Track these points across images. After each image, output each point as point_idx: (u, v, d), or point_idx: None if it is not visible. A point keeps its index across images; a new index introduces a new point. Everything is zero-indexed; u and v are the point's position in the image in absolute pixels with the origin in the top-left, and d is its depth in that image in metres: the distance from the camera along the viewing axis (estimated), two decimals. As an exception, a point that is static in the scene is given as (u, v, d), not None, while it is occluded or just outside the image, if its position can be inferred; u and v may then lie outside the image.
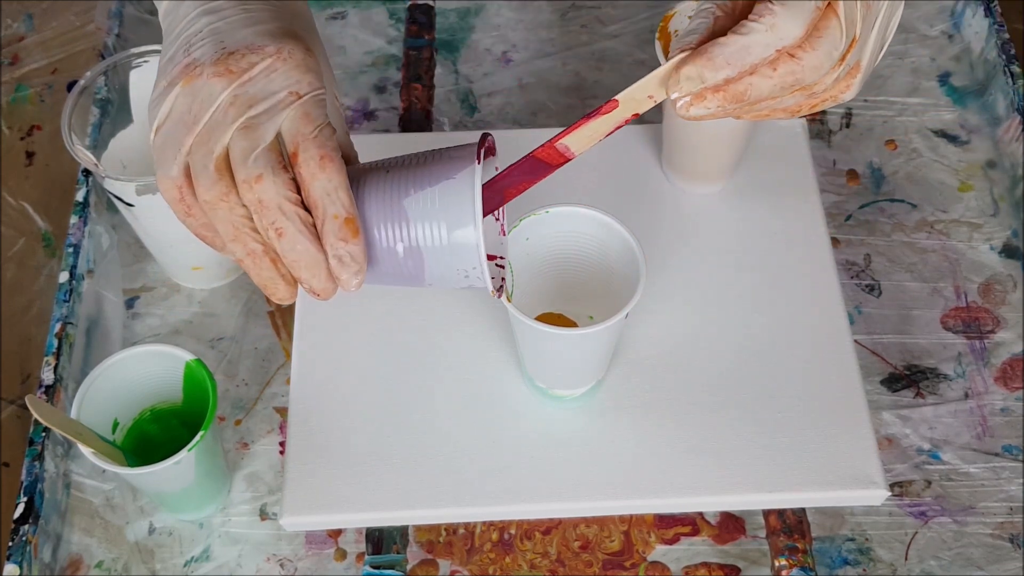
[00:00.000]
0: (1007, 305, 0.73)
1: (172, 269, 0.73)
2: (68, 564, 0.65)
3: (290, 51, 0.48)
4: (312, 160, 0.46)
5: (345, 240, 0.47)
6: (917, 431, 0.69)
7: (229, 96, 0.47)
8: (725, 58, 0.46)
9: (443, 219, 0.47)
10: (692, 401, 0.65)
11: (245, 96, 0.47)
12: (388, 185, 0.48)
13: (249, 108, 0.47)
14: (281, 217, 0.46)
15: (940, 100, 0.82)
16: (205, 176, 0.47)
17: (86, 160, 0.65)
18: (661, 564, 0.64)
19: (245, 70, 0.47)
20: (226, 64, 0.47)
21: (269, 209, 0.46)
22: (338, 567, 0.65)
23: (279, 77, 0.47)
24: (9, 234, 0.84)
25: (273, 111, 0.47)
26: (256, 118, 0.47)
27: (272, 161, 0.46)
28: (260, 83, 0.47)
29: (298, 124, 0.47)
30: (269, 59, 0.47)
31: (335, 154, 0.47)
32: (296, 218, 0.46)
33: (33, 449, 0.65)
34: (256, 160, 0.46)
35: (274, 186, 0.46)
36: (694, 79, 0.47)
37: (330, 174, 0.47)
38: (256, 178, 0.46)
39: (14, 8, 0.95)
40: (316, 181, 0.46)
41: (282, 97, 0.47)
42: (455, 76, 0.84)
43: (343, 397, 0.66)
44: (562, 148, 0.50)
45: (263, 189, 0.46)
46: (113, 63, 0.67)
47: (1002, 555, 0.65)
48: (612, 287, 0.61)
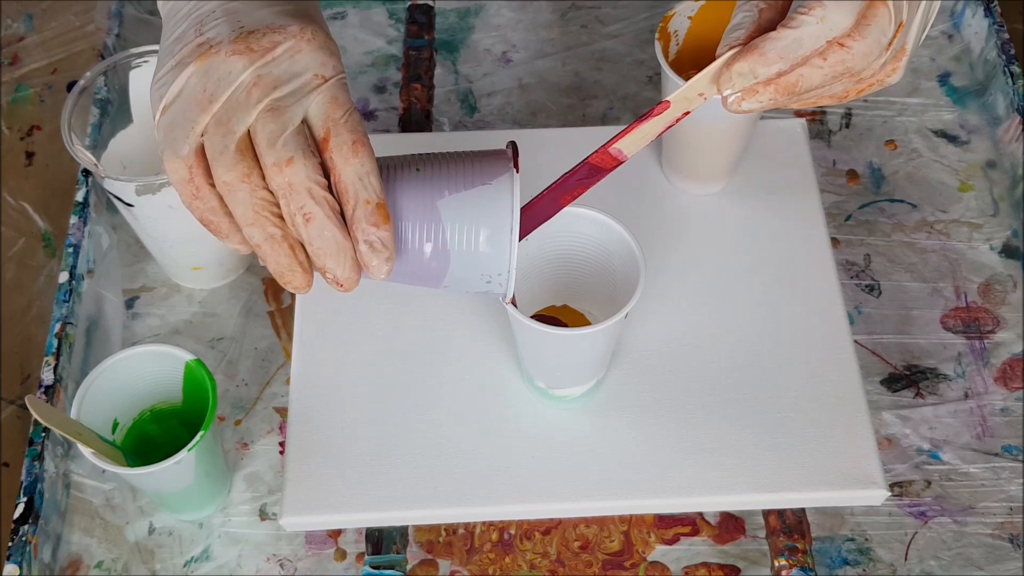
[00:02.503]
0: (1007, 305, 0.73)
1: (172, 269, 0.73)
2: (68, 564, 0.65)
3: (313, 32, 0.46)
4: (345, 145, 0.46)
5: (377, 226, 0.46)
6: (917, 431, 0.69)
7: (252, 76, 0.45)
8: (777, 52, 0.47)
9: (480, 224, 0.47)
10: (692, 401, 0.65)
11: (269, 76, 0.45)
12: (421, 184, 0.48)
13: (274, 89, 0.45)
14: (310, 202, 0.45)
15: (940, 100, 0.82)
16: (225, 156, 0.45)
17: (86, 160, 0.65)
18: (661, 564, 0.64)
19: (268, 49, 0.46)
20: (247, 42, 0.45)
21: (298, 193, 0.45)
22: (338, 567, 0.65)
23: (304, 58, 0.46)
24: (9, 234, 0.84)
25: (299, 93, 0.46)
26: (282, 100, 0.45)
27: (302, 144, 0.45)
28: (284, 64, 0.46)
29: (327, 108, 0.46)
30: (292, 39, 0.46)
31: (366, 139, 0.46)
32: (325, 203, 0.45)
33: (33, 449, 0.65)
34: (286, 143, 0.45)
35: (304, 169, 0.45)
36: (746, 75, 0.47)
37: (363, 159, 0.46)
38: (287, 161, 0.45)
39: (14, 8, 0.95)
40: (348, 166, 0.46)
41: (308, 79, 0.46)
42: (455, 76, 0.84)
43: (343, 397, 0.66)
44: (615, 152, 0.50)
45: (294, 172, 0.45)
46: (113, 63, 0.67)
47: (1002, 555, 0.65)
48: (612, 287, 0.61)
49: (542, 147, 0.74)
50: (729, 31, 0.49)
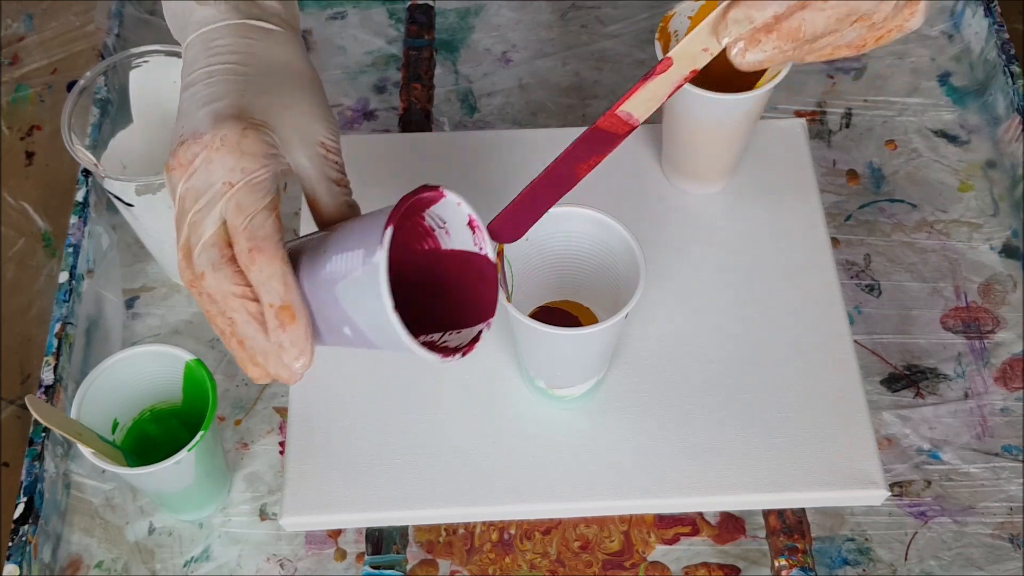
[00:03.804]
0: (1007, 305, 0.73)
1: (172, 269, 0.73)
2: (68, 564, 0.65)
3: (223, 138, 0.48)
4: (243, 253, 0.48)
5: (282, 327, 0.48)
6: (917, 431, 0.69)
7: (183, 190, 0.49)
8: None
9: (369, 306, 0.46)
10: (692, 401, 0.65)
11: (192, 191, 0.48)
12: (319, 270, 0.48)
13: (195, 202, 0.48)
14: (230, 308, 0.48)
15: (940, 100, 0.82)
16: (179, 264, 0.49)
17: (86, 160, 0.65)
18: (661, 564, 0.64)
19: (190, 162, 0.48)
20: (177, 157, 0.49)
21: (220, 301, 0.48)
22: (338, 567, 0.65)
23: (216, 168, 0.48)
24: (9, 234, 0.84)
25: (211, 204, 0.48)
26: (199, 213, 0.48)
27: (214, 257, 0.48)
28: (201, 175, 0.48)
29: (231, 216, 0.48)
30: (204, 150, 0.48)
31: (265, 243, 0.47)
32: (242, 309, 0.48)
33: (33, 449, 0.65)
34: (199, 256, 0.48)
35: (216, 281, 0.48)
36: (742, 21, 0.45)
37: (261, 265, 0.47)
38: (200, 275, 0.48)
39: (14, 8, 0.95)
40: (250, 273, 0.48)
41: (217, 189, 0.48)
42: (455, 76, 0.84)
43: (343, 397, 0.66)
44: (624, 115, 0.49)
45: (207, 285, 0.48)
46: (113, 63, 0.67)
47: (1002, 555, 0.65)
48: (614, 286, 0.61)
49: (542, 147, 0.74)
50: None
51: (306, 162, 0.52)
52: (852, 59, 0.84)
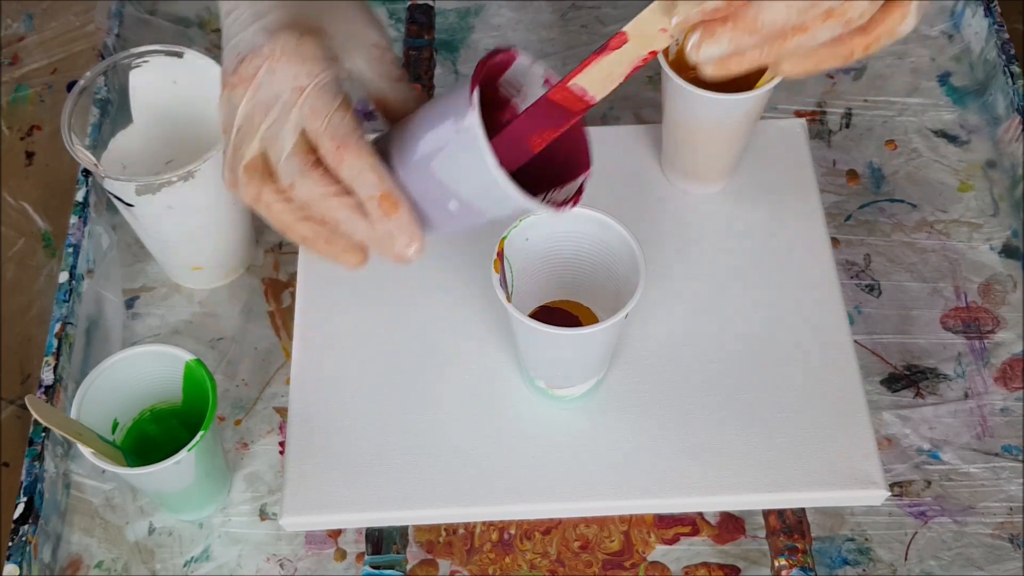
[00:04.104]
0: (1007, 305, 0.73)
1: (172, 269, 0.73)
2: (68, 564, 0.65)
3: (282, 47, 0.48)
4: (330, 154, 0.47)
5: (387, 215, 0.47)
6: (917, 431, 0.69)
7: (248, 106, 0.48)
8: None
9: (470, 175, 0.46)
10: (692, 401, 0.65)
11: (260, 104, 0.48)
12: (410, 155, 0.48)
13: (265, 115, 0.48)
14: (328, 210, 0.47)
15: (940, 100, 0.82)
16: (240, 182, 0.49)
17: (86, 160, 0.65)
18: (661, 564, 0.64)
19: (252, 76, 0.48)
20: (238, 74, 0.48)
21: (315, 206, 0.48)
22: (338, 567, 0.65)
23: (280, 76, 0.48)
24: (9, 234, 0.84)
25: (285, 113, 0.47)
26: (274, 125, 0.48)
27: (299, 165, 0.47)
28: (267, 88, 0.48)
29: (309, 120, 0.47)
30: (266, 62, 0.48)
31: (349, 138, 0.47)
32: (342, 206, 0.47)
33: (33, 449, 0.65)
34: (285, 167, 0.47)
35: (307, 187, 0.47)
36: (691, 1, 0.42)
37: (350, 161, 0.47)
38: (290, 185, 0.47)
39: (14, 8, 0.95)
40: (341, 171, 0.47)
41: (287, 97, 0.47)
42: (455, 76, 0.84)
43: (343, 397, 0.66)
44: (577, 90, 0.47)
45: (299, 193, 0.47)
46: (113, 63, 0.67)
47: (1002, 555, 0.65)
48: (612, 286, 0.61)
49: (542, 147, 0.74)
50: None
51: (364, 65, 0.52)
52: (852, 59, 0.84)
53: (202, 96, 0.68)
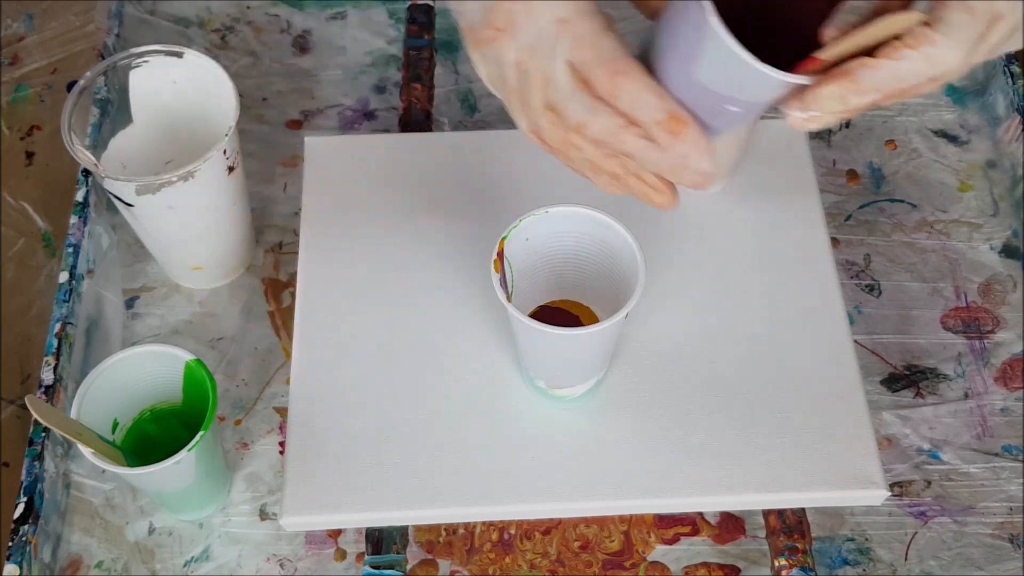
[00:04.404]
0: (1007, 305, 0.73)
1: (172, 269, 0.73)
2: (68, 564, 0.65)
3: None
4: (605, 83, 0.45)
5: (676, 136, 0.45)
6: (917, 431, 0.69)
7: (514, 54, 0.46)
8: (875, 84, 0.43)
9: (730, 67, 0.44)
10: (692, 401, 0.65)
11: (524, 47, 0.45)
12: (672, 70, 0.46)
13: (534, 56, 0.45)
14: (623, 144, 0.45)
15: (940, 100, 0.82)
16: (543, 131, 0.47)
17: (86, 160, 0.65)
18: (661, 564, 0.64)
19: (510, 20, 0.45)
20: (493, 24, 0.46)
21: (609, 143, 0.46)
22: (338, 567, 0.65)
23: (539, 11, 0.45)
24: (9, 234, 0.84)
25: (552, 48, 0.45)
26: (546, 64, 0.45)
27: (586, 101, 0.45)
28: (528, 28, 0.45)
29: (577, 51, 0.45)
30: (518, 1, 0.45)
31: (622, 63, 0.45)
32: (635, 138, 0.45)
33: (33, 449, 0.65)
34: (571, 107, 0.45)
35: (600, 122, 0.45)
36: (835, 100, 0.43)
37: (627, 87, 0.45)
38: (578, 126, 0.45)
39: (14, 8, 0.95)
40: (619, 101, 0.45)
41: (552, 31, 0.45)
42: (455, 76, 0.84)
43: (343, 398, 0.66)
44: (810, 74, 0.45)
45: (594, 130, 0.45)
46: (113, 63, 0.67)
47: (1002, 555, 0.65)
48: (612, 286, 0.61)
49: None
50: (845, 11, 0.44)
51: None
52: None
53: (202, 96, 0.68)
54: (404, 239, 0.71)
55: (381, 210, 0.72)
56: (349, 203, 0.72)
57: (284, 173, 0.79)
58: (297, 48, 0.85)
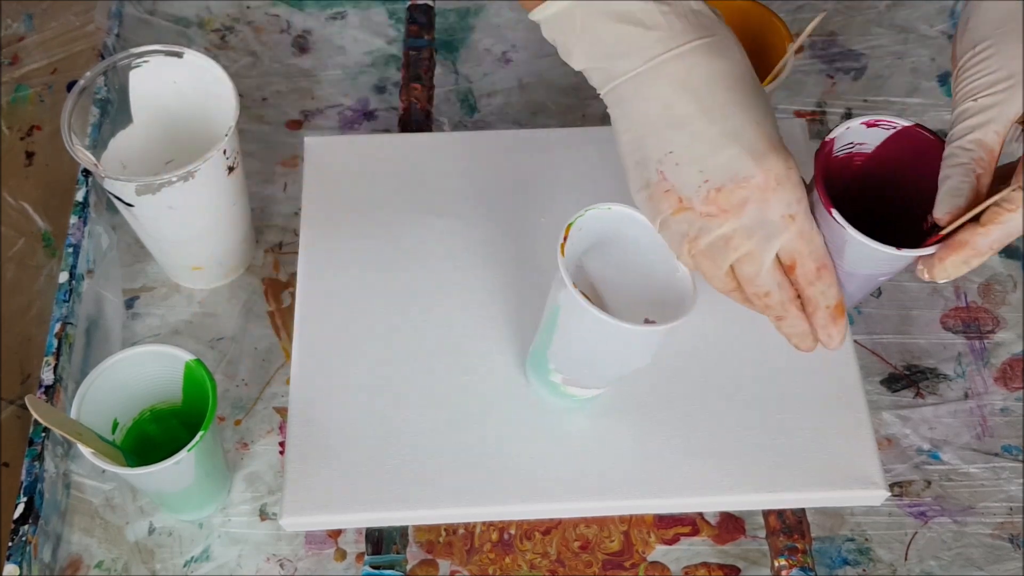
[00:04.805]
0: (1007, 305, 0.73)
1: (172, 269, 0.73)
2: (68, 564, 0.65)
3: (776, 177, 0.51)
4: (810, 272, 0.53)
5: (835, 321, 0.55)
6: (917, 431, 0.69)
7: (728, 230, 0.52)
8: (989, 246, 0.51)
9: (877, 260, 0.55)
10: (692, 401, 0.65)
11: (743, 229, 0.52)
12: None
13: (747, 239, 0.52)
14: (783, 311, 0.55)
15: (940, 100, 0.82)
16: (716, 281, 0.55)
17: (86, 160, 0.65)
18: (661, 564, 0.64)
19: (739, 207, 0.51)
20: (717, 203, 0.51)
21: (773, 308, 0.55)
22: (338, 567, 0.65)
23: (773, 205, 0.51)
24: (9, 234, 0.84)
25: (771, 237, 0.51)
26: (757, 246, 0.52)
27: (778, 278, 0.53)
28: (755, 216, 0.51)
29: (796, 243, 0.52)
30: (758, 192, 0.51)
31: (827, 259, 0.53)
32: (794, 309, 0.55)
33: (33, 449, 0.65)
34: (762, 282, 0.53)
35: (779, 296, 0.54)
36: (960, 266, 0.52)
37: (825, 280, 0.53)
38: (765, 294, 0.54)
39: (14, 8, 0.95)
40: (813, 288, 0.54)
41: (777, 222, 0.51)
42: (455, 76, 0.84)
43: (343, 397, 0.66)
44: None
45: (769, 300, 0.54)
46: (113, 63, 0.67)
47: (1002, 555, 0.65)
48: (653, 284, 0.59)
49: (542, 147, 0.74)
50: (948, 194, 0.52)
51: None
52: (852, 59, 0.84)
53: (202, 96, 0.68)
54: (404, 239, 0.71)
55: (381, 210, 0.72)
56: (349, 203, 0.72)
57: (284, 173, 0.79)
58: (297, 48, 0.85)
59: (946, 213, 0.51)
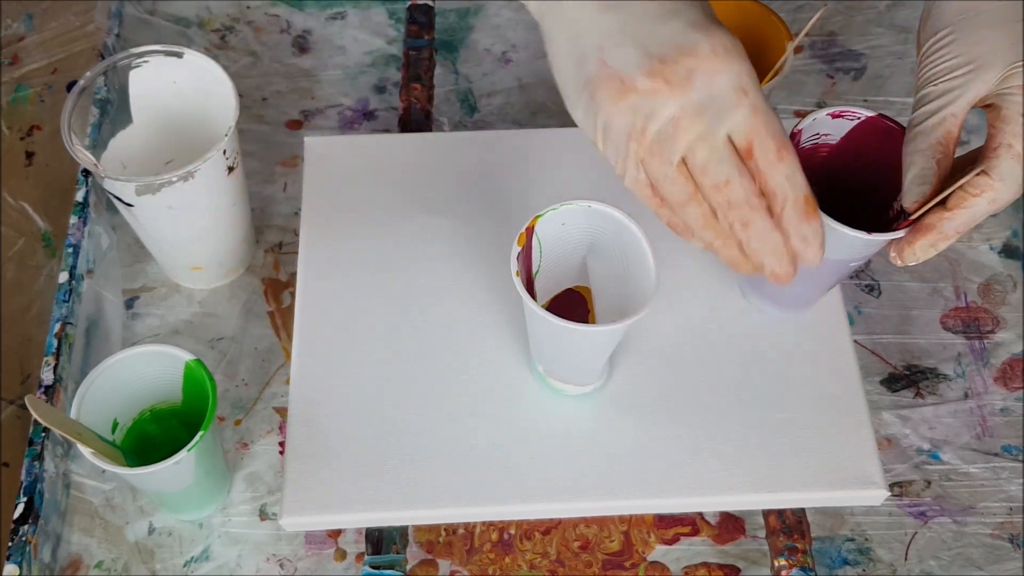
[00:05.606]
0: (1007, 305, 0.73)
1: (172, 269, 0.73)
2: (68, 564, 0.65)
3: (724, 46, 0.47)
4: (770, 152, 0.48)
5: (807, 219, 0.49)
6: (917, 431, 0.69)
7: (675, 109, 0.47)
8: (955, 229, 0.52)
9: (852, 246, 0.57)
10: (692, 401, 0.65)
11: (691, 105, 0.47)
12: None
13: (698, 117, 0.47)
14: (749, 211, 0.48)
15: (940, 100, 0.82)
16: (668, 183, 0.49)
17: (86, 160, 0.65)
18: (661, 564, 0.64)
19: (685, 79, 0.47)
20: (662, 76, 0.47)
21: (736, 207, 0.48)
22: (338, 567, 0.65)
23: (721, 79, 0.47)
24: (9, 234, 0.84)
25: (723, 114, 0.47)
26: (707, 125, 0.47)
27: (734, 163, 0.48)
28: (703, 90, 0.47)
29: (752, 120, 0.47)
30: (706, 62, 0.47)
31: (787, 140, 0.48)
32: (760, 209, 0.48)
33: (33, 449, 0.65)
34: (719, 166, 0.47)
35: (741, 187, 0.48)
36: (928, 249, 0.54)
37: (788, 161, 0.48)
38: (724, 183, 0.48)
39: (14, 8, 0.95)
40: (775, 170, 0.48)
41: (728, 97, 0.47)
42: (455, 76, 0.84)
43: (343, 397, 0.66)
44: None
45: (731, 191, 0.48)
46: (113, 63, 0.67)
47: (1002, 555, 0.65)
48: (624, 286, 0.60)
49: (542, 147, 0.74)
50: (914, 182, 0.53)
51: None
52: (852, 59, 0.84)
53: (202, 96, 0.68)
54: (404, 239, 0.71)
55: (381, 210, 0.72)
56: (349, 203, 0.72)
57: (284, 173, 0.79)
58: (297, 48, 0.85)
59: (914, 201, 0.53)
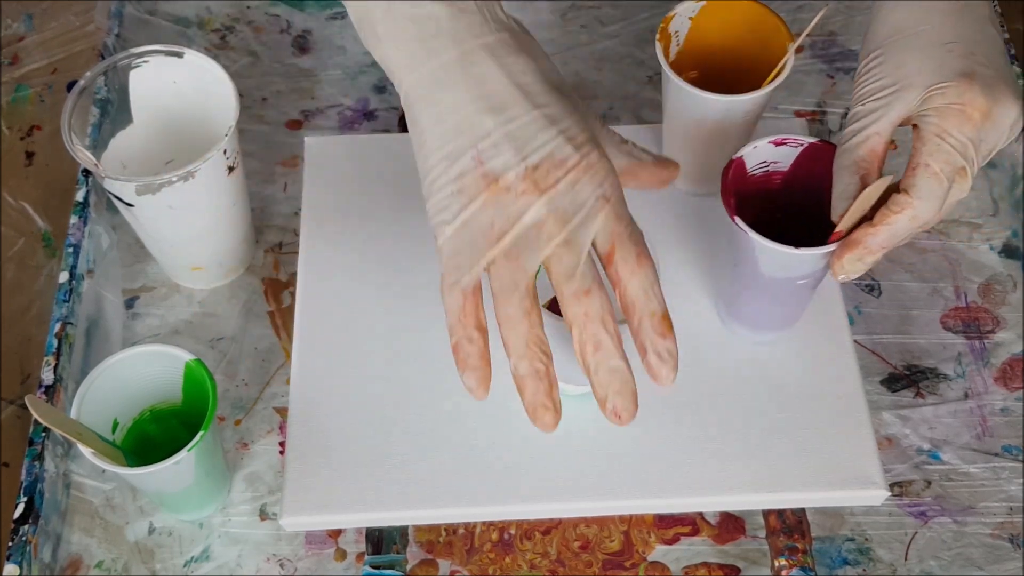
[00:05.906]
0: (1007, 305, 0.73)
1: (172, 269, 0.73)
2: (68, 564, 0.65)
3: (592, 159, 0.48)
4: (630, 257, 0.48)
5: (663, 336, 0.48)
6: (917, 431, 0.69)
7: (542, 213, 0.47)
8: (879, 244, 0.54)
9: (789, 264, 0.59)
10: (692, 401, 0.65)
11: (558, 211, 0.47)
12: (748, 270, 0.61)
13: (564, 224, 0.47)
14: (602, 330, 0.47)
15: (940, 100, 0.82)
16: (515, 293, 0.47)
17: (86, 160, 0.65)
18: (661, 564, 0.64)
19: (552, 185, 0.47)
20: (533, 180, 0.47)
21: (593, 322, 0.47)
22: (338, 567, 0.65)
23: (585, 187, 0.48)
24: (9, 234, 0.84)
25: (587, 221, 0.48)
26: (573, 232, 0.47)
27: (596, 274, 0.48)
28: (568, 196, 0.47)
29: (611, 226, 0.48)
30: (574, 172, 0.48)
31: (647, 250, 0.49)
32: (614, 334, 0.48)
33: (33, 449, 0.65)
34: (583, 274, 0.47)
35: (600, 299, 0.47)
36: (855, 262, 0.55)
37: (647, 271, 0.48)
38: (585, 292, 0.47)
39: (14, 8, 0.95)
40: (635, 278, 0.48)
41: (592, 204, 0.48)
42: (455, 76, 0.84)
43: (343, 397, 0.66)
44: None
45: (591, 302, 0.47)
46: (113, 63, 0.67)
47: (1002, 555, 0.65)
48: None
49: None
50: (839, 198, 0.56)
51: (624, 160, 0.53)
52: (852, 59, 0.84)
53: (202, 96, 0.68)
54: (404, 239, 0.71)
55: (381, 210, 0.72)
56: (349, 203, 0.72)
57: (284, 173, 0.79)
58: (297, 48, 0.85)
59: (838, 216, 0.55)
